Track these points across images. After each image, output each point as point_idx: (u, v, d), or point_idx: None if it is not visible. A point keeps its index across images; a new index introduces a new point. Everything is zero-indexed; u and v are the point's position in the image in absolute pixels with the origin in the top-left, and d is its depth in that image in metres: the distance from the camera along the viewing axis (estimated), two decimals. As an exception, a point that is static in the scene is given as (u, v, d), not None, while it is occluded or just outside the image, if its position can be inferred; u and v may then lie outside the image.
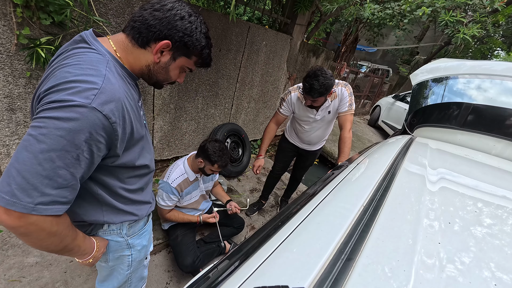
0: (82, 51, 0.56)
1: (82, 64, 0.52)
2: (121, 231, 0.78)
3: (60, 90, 0.48)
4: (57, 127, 0.46)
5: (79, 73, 0.50)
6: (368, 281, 0.45)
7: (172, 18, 0.59)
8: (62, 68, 0.52)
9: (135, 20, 0.60)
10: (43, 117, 0.46)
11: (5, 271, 1.31)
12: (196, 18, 0.63)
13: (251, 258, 0.58)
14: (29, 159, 0.45)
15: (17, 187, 0.45)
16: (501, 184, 1.03)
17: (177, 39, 0.61)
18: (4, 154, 1.46)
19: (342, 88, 1.56)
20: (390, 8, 3.58)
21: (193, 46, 0.64)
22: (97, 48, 0.58)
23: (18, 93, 1.36)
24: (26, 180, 0.45)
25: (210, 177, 1.69)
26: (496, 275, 0.49)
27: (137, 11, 0.62)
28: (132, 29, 0.61)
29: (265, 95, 3.09)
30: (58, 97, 0.47)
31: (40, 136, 0.45)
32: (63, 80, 0.49)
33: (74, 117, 0.46)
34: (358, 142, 4.90)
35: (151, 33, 0.60)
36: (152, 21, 0.59)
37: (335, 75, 5.04)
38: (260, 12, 2.52)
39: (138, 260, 0.89)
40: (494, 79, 1.56)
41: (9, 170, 0.45)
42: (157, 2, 0.61)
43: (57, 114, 0.46)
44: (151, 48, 0.62)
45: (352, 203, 0.73)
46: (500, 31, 7.56)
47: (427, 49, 10.53)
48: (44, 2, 1.18)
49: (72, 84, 0.48)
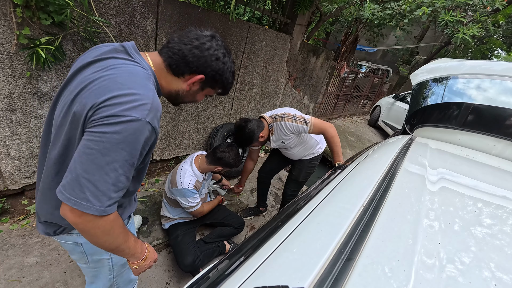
0: (128, 63, 0.60)
1: (132, 77, 0.57)
2: None
3: (117, 104, 0.52)
4: (118, 141, 0.52)
5: (132, 87, 0.55)
6: (368, 281, 0.45)
7: (209, 58, 0.66)
8: (112, 78, 0.55)
9: (174, 52, 0.65)
10: (105, 132, 0.52)
11: (5, 271, 1.31)
12: (229, 58, 0.72)
13: (251, 258, 0.58)
14: (97, 170, 0.52)
15: (91, 194, 0.52)
16: (501, 184, 1.03)
17: (210, 76, 0.69)
18: (4, 154, 1.46)
19: (279, 123, 1.57)
20: (390, 8, 3.59)
21: (221, 82, 0.74)
22: (141, 62, 0.63)
23: (18, 93, 1.36)
24: (97, 188, 0.52)
25: (210, 174, 1.75)
26: (496, 275, 0.49)
27: (176, 41, 0.66)
28: (170, 58, 0.66)
29: (265, 95, 3.09)
30: (116, 112, 0.52)
31: (104, 150, 0.52)
32: (119, 93, 0.53)
33: (133, 131, 0.53)
34: (358, 142, 4.90)
35: (188, 68, 0.67)
36: (191, 57, 0.65)
37: (335, 75, 5.03)
38: (260, 12, 2.52)
39: (120, 264, 0.86)
40: (494, 79, 1.56)
41: (79, 180, 0.52)
42: (196, 38, 0.65)
43: (117, 129, 0.52)
44: (184, 78, 0.69)
45: (352, 203, 0.73)
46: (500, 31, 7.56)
47: (427, 49, 10.53)
48: (44, 2, 1.18)
49: (128, 98, 0.53)
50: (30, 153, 1.55)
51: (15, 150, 1.49)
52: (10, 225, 1.56)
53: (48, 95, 1.47)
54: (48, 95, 1.46)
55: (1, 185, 1.54)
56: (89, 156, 0.51)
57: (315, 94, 4.10)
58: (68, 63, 1.46)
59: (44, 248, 1.47)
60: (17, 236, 1.51)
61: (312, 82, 3.82)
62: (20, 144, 1.49)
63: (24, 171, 1.57)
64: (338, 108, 6.26)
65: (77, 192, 0.52)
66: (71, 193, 0.52)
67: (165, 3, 1.71)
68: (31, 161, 1.57)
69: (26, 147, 1.52)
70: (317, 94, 4.15)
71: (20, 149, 1.50)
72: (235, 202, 2.31)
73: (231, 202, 2.28)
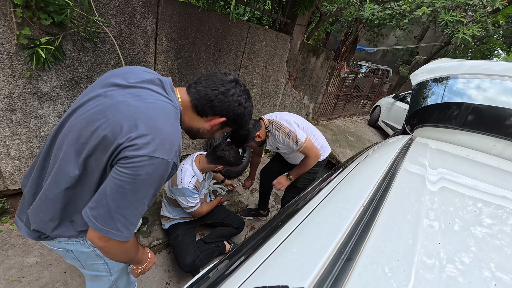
0: (163, 100, 0.65)
1: (165, 117, 0.62)
2: (85, 242, 0.75)
3: (150, 144, 0.57)
4: (149, 182, 0.58)
5: (164, 127, 0.60)
6: (368, 281, 0.45)
7: (232, 103, 0.73)
8: (147, 113, 0.59)
9: (201, 96, 0.71)
10: (138, 174, 0.56)
11: (5, 271, 1.31)
12: (249, 102, 0.80)
13: (251, 258, 0.58)
14: (129, 206, 0.58)
15: (121, 225, 0.59)
16: (501, 184, 1.03)
17: (231, 119, 0.77)
18: (4, 154, 1.46)
19: (274, 131, 1.59)
20: (390, 8, 3.59)
21: (240, 123, 0.81)
22: (174, 101, 0.68)
23: (18, 93, 1.36)
24: (126, 220, 0.59)
25: (210, 174, 1.74)
26: (496, 275, 0.49)
27: (203, 85, 0.72)
28: (197, 100, 0.72)
29: (265, 95, 3.09)
30: (149, 152, 0.56)
31: (135, 189, 0.57)
32: (153, 132, 0.58)
33: (162, 172, 0.59)
34: (358, 142, 4.90)
35: (212, 111, 0.73)
36: (216, 102, 0.71)
37: (335, 75, 5.03)
38: (260, 12, 2.53)
39: (117, 269, 0.87)
40: (494, 79, 1.56)
41: (112, 214, 0.58)
42: (221, 83, 0.72)
43: (149, 171, 0.57)
44: (207, 118, 0.75)
45: (352, 203, 0.73)
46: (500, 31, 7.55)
47: (427, 49, 10.53)
48: (44, 2, 1.18)
49: (160, 138, 0.58)
50: (30, 153, 1.55)
51: (15, 150, 1.49)
52: (10, 225, 1.56)
53: (48, 95, 1.47)
54: (48, 95, 1.46)
55: (1, 185, 1.54)
56: (122, 195, 0.57)
57: (315, 94, 4.10)
58: (68, 63, 1.46)
59: (44, 248, 1.47)
60: (17, 236, 1.51)
61: (312, 82, 3.82)
62: (20, 144, 1.49)
63: (24, 171, 1.57)
64: (338, 108, 6.25)
65: (109, 223, 0.58)
66: (103, 224, 0.58)
67: (165, 3, 1.71)
68: (31, 161, 1.57)
69: (26, 147, 1.52)
70: (317, 94, 4.15)
71: (20, 149, 1.50)
72: (235, 202, 2.31)
73: (231, 202, 2.28)
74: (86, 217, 0.59)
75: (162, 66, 1.92)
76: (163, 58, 1.90)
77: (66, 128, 0.65)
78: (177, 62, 2.00)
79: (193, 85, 0.73)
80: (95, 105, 0.62)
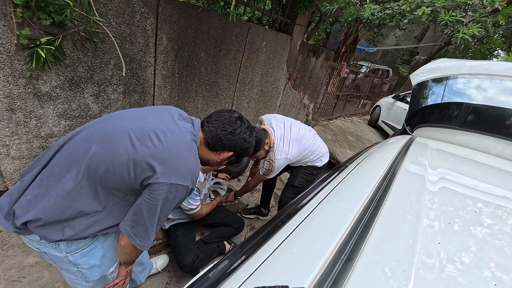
0: (191, 139, 0.80)
1: (191, 153, 0.78)
2: (57, 246, 0.75)
3: (180, 173, 0.72)
4: (174, 203, 0.75)
5: (190, 160, 0.76)
6: (368, 281, 0.45)
7: (239, 140, 0.88)
8: (177, 149, 0.74)
9: (213, 135, 0.85)
10: (167, 198, 0.71)
11: (5, 271, 1.31)
12: (252, 137, 0.95)
13: (251, 258, 0.58)
14: (157, 222, 0.75)
15: (151, 238, 0.77)
16: (501, 184, 1.03)
17: (237, 153, 0.92)
18: (4, 154, 1.46)
19: (269, 157, 1.62)
20: (390, 8, 3.59)
21: (245, 155, 0.97)
22: (197, 141, 0.83)
23: (18, 93, 1.36)
24: (154, 233, 0.77)
25: (210, 174, 1.74)
26: (496, 275, 0.49)
27: (214, 125, 0.86)
28: (209, 138, 0.86)
29: (265, 95, 3.09)
30: (178, 181, 0.72)
31: (164, 209, 0.73)
32: (181, 164, 0.74)
33: (185, 195, 0.76)
34: (358, 142, 4.90)
35: (221, 147, 0.88)
36: (226, 141, 0.87)
37: (335, 75, 5.03)
38: (260, 12, 2.52)
39: (94, 280, 0.87)
40: (494, 79, 1.56)
41: (148, 232, 0.74)
42: (229, 124, 0.87)
43: (177, 196, 0.73)
44: (217, 152, 0.90)
45: (352, 203, 0.73)
46: (500, 31, 7.55)
47: (427, 49, 10.53)
48: (44, 2, 1.18)
49: (186, 170, 0.74)
50: (30, 153, 1.55)
51: (15, 150, 1.49)
52: (10, 225, 1.56)
53: (48, 95, 1.47)
54: (48, 95, 1.46)
55: (1, 185, 1.54)
56: (155, 215, 0.72)
57: (315, 94, 4.10)
58: (68, 63, 1.46)
59: (44, 248, 1.47)
60: (17, 236, 1.50)
61: (312, 82, 3.82)
62: (20, 144, 1.49)
63: (24, 171, 1.57)
64: (338, 108, 6.25)
65: (145, 239, 0.75)
66: (141, 240, 0.74)
67: (165, 3, 1.71)
68: (31, 161, 1.57)
69: (26, 147, 1.52)
70: (317, 94, 4.15)
71: (20, 149, 1.50)
72: (235, 202, 2.31)
73: (231, 202, 2.28)
74: (127, 232, 0.73)
75: (162, 66, 1.92)
76: (163, 58, 1.90)
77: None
78: (177, 62, 2.00)
79: (206, 124, 0.87)
80: (128, 126, 0.79)
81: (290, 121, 1.75)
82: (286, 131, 1.65)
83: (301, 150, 1.67)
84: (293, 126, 1.70)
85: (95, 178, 0.69)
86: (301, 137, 1.67)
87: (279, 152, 1.58)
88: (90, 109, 1.67)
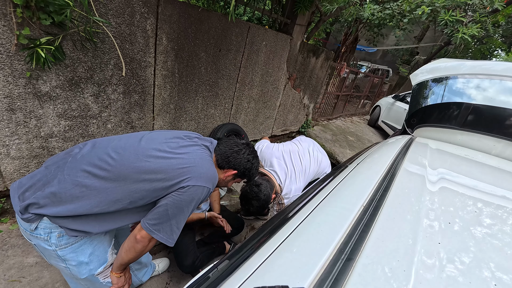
0: (209, 156, 0.96)
1: (210, 166, 0.92)
2: (48, 239, 0.76)
3: (203, 179, 0.86)
4: (197, 201, 0.86)
5: (209, 170, 0.90)
6: (368, 281, 0.45)
7: (243, 160, 1.02)
8: (200, 164, 0.88)
9: (221, 153, 1.00)
10: (193, 198, 0.84)
11: (5, 271, 1.31)
12: (256, 160, 1.08)
13: (251, 258, 0.58)
14: (182, 221, 0.87)
15: (175, 234, 0.86)
16: (501, 184, 1.03)
17: (241, 171, 1.04)
18: (4, 154, 1.46)
19: (278, 201, 1.61)
20: (389, 8, 3.59)
21: (248, 176, 1.09)
22: (212, 157, 0.98)
23: (18, 93, 1.36)
24: (178, 230, 0.87)
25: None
26: (496, 275, 0.49)
27: (224, 146, 1.02)
28: (219, 156, 1.00)
29: (265, 95, 3.09)
30: (202, 183, 0.85)
31: (188, 206, 0.85)
32: (204, 172, 0.87)
33: (206, 194, 0.88)
34: (358, 142, 4.90)
35: (227, 165, 1.00)
36: (232, 159, 1.00)
37: (335, 75, 5.03)
38: (260, 12, 2.52)
39: (84, 278, 0.87)
40: (494, 79, 1.56)
41: (172, 228, 0.84)
42: (235, 145, 1.02)
43: (200, 196, 0.86)
44: (224, 170, 1.02)
45: (352, 203, 0.73)
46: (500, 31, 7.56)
47: (427, 49, 10.52)
48: (44, 2, 1.18)
49: (208, 176, 0.88)
50: (30, 153, 1.55)
51: (15, 150, 1.49)
52: (10, 225, 1.56)
53: (48, 95, 1.47)
54: (48, 95, 1.46)
55: (1, 185, 1.54)
56: (181, 213, 0.84)
57: (315, 94, 4.10)
58: (68, 63, 1.46)
59: (44, 248, 1.47)
60: (17, 236, 1.50)
61: (312, 82, 3.82)
62: (20, 144, 1.49)
63: (24, 171, 1.57)
64: (338, 108, 6.25)
65: (168, 234, 0.83)
66: (164, 234, 0.82)
67: (165, 3, 1.71)
68: (31, 161, 1.57)
69: (26, 147, 1.52)
70: (317, 94, 4.15)
71: (20, 149, 1.50)
72: (235, 202, 2.31)
73: (231, 202, 2.28)
74: (149, 229, 0.81)
75: (162, 66, 1.92)
76: (163, 58, 1.90)
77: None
78: (177, 62, 2.00)
79: (217, 145, 1.02)
80: (158, 139, 0.94)
81: (288, 149, 1.70)
82: (289, 167, 1.61)
83: (308, 179, 1.67)
84: (293, 156, 1.66)
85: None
86: (305, 166, 1.65)
87: (288, 192, 1.58)
88: (90, 109, 1.66)
